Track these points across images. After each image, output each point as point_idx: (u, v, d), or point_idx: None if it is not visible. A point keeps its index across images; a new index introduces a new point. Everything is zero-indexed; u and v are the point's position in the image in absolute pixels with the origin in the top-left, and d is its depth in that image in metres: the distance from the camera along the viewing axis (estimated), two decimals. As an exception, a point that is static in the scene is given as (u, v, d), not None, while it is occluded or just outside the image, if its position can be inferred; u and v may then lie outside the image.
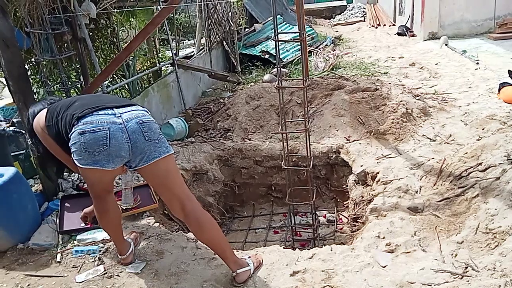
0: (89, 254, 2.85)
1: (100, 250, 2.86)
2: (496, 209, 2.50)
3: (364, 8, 14.41)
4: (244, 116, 4.83)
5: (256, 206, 4.50)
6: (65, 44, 3.64)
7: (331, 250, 2.67)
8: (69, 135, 2.04)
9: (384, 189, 3.34)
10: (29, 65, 3.74)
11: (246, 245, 3.89)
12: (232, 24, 7.83)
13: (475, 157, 3.09)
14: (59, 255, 2.85)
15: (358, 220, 3.50)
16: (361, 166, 3.76)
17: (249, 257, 2.54)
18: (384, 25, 12.04)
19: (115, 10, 4.22)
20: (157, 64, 5.77)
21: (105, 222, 2.52)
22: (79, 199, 3.30)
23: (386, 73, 6.56)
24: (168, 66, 6.00)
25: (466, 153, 3.21)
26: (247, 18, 9.42)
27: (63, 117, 2.12)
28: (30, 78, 3.32)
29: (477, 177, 2.87)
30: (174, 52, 6.26)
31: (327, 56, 7.97)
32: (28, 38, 3.66)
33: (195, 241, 2.91)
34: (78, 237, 3.00)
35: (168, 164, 2.15)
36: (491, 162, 2.86)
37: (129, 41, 4.01)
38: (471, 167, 2.99)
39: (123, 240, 2.68)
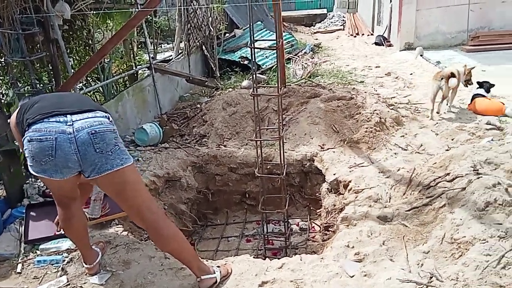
0: (52, 264, 2.76)
1: (64, 260, 2.78)
2: (461, 219, 2.55)
3: (343, 17, 14.62)
4: (220, 122, 4.80)
5: (230, 213, 4.47)
6: (37, 45, 3.54)
7: (301, 260, 2.66)
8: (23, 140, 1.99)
9: (356, 197, 3.36)
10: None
11: (218, 254, 3.84)
12: (212, 29, 7.80)
13: (443, 167, 3.15)
14: (20, 265, 2.75)
15: (329, 229, 3.51)
16: (334, 174, 3.78)
17: (218, 266, 2.50)
18: (363, 34, 12.24)
19: (91, 12, 4.13)
20: (134, 68, 5.69)
21: (69, 230, 2.44)
22: (46, 207, 3.19)
23: (363, 82, 6.65)
24: (145, 70, 5.93)
25: (435, 163, 3.26)
26: (227, 23, 9.42)
27: (23, 118, 2.05)
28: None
29: (445, 187, 2.92)
30: (152, 55, 6.19)
31: (306, 63, 8.03)
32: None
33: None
34: (42, 246, 2.90)
35: (124, 176, 2.06)
36: (458, 173, 2.92)
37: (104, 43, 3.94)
38: (439, 177, 3.04)
39: (89, 249, 2.61)
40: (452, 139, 3.91)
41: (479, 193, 2.61)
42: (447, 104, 4.80)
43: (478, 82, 4.80)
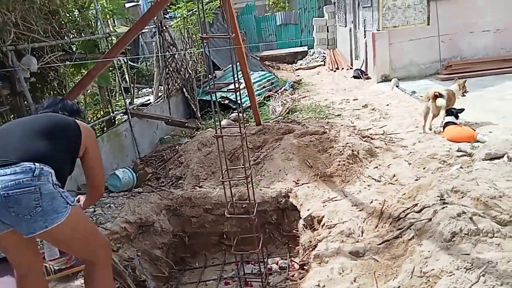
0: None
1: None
2: (429, 251, 2.51)
3: (324, 53, 15.02)
4: (196, 163, 4.79)
5: (208, 256, 4.36)
6: (1, 99, 3.57)
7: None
8: None
9: (329, 233, 3.31)
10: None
11: (195, 300, 3.72)
12: (191, 72, 7.95)
13: (411, 198, 3.14)
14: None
15: (304, 267, 3.43)
16: (308, 210, 3.74)
17: None
18: (342, 68, 12.54)
19: (59, 64, 4.19)
20: (111, 113, 5.72)
21: None
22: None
23: (339, 115, 6.74)
24: (123, 115, 5.96)
25: (404, 194, 3.26)
26: (206, 66, 9.61)
27: None
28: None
29: (413, 218, 2.89)
30: (129, 100, 6.26)
31: (285, 100, 8.16)
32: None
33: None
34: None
35: (52, 235, 1.97)
36: (425, 203, 2.90)
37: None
38: (408, 208, 3.02)
39: None
40: (424, 168, 3.93)
41: (445, 224, 2.58)
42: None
43: (446, 110, 4.89)
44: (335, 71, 12.60)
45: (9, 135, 2.01)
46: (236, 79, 3.16)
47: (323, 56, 14.92)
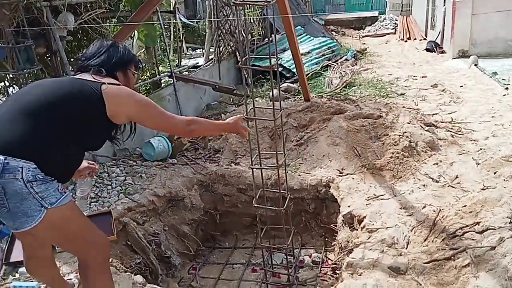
0: (27, 291, 2.62)
1: (39, 287, 2.62)
2: (486, 288, 2.04)
3: (396, 20, 13.74)
4: (235, 137, 4.50)
5: (239, 236, 4.14)
6: (37, 57, 3.45)
7: (289, 314, 2.29)
8: None
9: (368, 238, 2.91)
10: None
11: (219, 284, 3.54)
12: (245, 35, 7.52)
13: (473, 213, 2.61)
14: (-5, 289, 2.64)
15: (336, 271, 3.08)
16: (349, 206, 3.33)
17: None
18: (415, 39, 11.38)
19: (96, 25, 3.98)
20: (156, 75, 5.55)
21: (30, 271, 2.23)
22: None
23: (403, 94, 6.04)
24: (169, 78, 5.77)
25: (465, 206, 2.72)
26: (265, 29, 9.09)
27: None
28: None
29: (472, 240, 2.40)
30: (176, 63, 6.04)
31: (344, 71, 7.50)
32: (3, 49, 3.51)
33: (141, 287, 2.61)
34: (21, 269, 2.77)
35: (30, 235, 1.78)
36: (490, 224, 2.38)
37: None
38: (468, 225, 2.52)
39: (61, 285, 2.41)
40: (495, 173, 3.30)
41: (512, 257, 2.08)
42: None
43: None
44: (406, 41, 11.48)
45: (2, 106, 1.76)
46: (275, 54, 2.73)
47: (395, 23, 13.68)
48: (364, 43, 11.79)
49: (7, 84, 3.78)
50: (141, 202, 3.54)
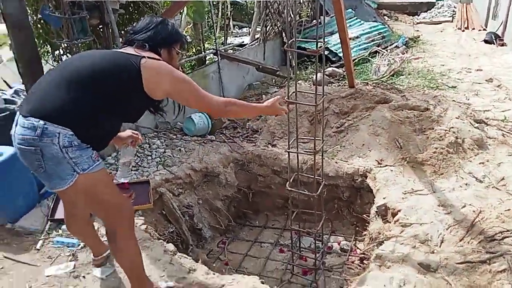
0: (68, 247, 2.81)
1: (78, 245, 2.80)
2: (522, 297, 1.96)
3: (454, 7, 12.94)
4: (274, 119, 4.49)
5: (270, 217, 4.19)
6: (90, 28, 3.58)
7: (311, 298, 2.32)
8: None
9: (401, 232, 2.85)
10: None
11: (246, 260, 3.62)
12: (293, 16, 7.39)
13: (516, 218, 2.49)
14: (40, 242, 2.85)
15: (364, 261, 3.05)
16: (384, 198, 3.27)
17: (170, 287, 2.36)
18: (473, 28, 10.69)
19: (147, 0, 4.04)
20: (202, 52, 5.61)
21: (70, 228, 2.39)
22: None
23: (454, 87, 5.74)
24: (214, 56, 5.81)
25: (509, 209, 2.59)
26: (314, 9, 8.88)
27: None
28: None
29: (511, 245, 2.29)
30: (222, 41, 6.06)
31: (393, 59, 7.22)
32: (60, 19, 3.67)
33: (172, 254, 2.72)
34: (64, 226, 2.96)
35: (62, 195, 1.93)
36: (534, 231, 2.26)
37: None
38: (508, 230, 2.40)
39: (95, 243, 2.57)
40: (546, 178, 3.11)
41: (555, 267, 1.97)
42: None
43: None
44: (463, 30, 10.81)
45: (44, 79, 1.85)
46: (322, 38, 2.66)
47: (453, 11, 12.89)
48: (417, 30, 11.22)
49: (61, 52, 3.96)
50: (178, 175, 3.65)
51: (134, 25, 2.14)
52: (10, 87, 4.47)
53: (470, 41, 9.51)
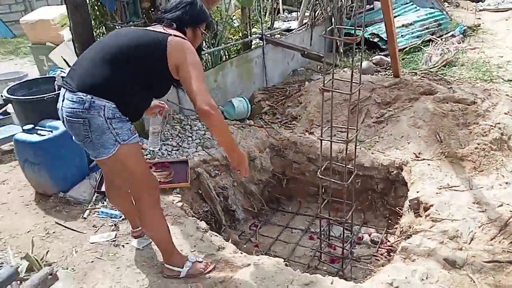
0: (111, 218, 3.06)
1: (120, 217, 3.04)
2: (546, 301, 1.90)
3: (525, -7, 11.95)
4: (314, 106, 4.51)
5: (303, 203, 4.26)
6: (142, 11, 3.78)
7: (331, 283, 2.39)
8: None
9: (431, 227, 2.82)
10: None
11: (276, 243, 3.74)
12: (343, 1, 7.23)
13: (553, 222, 2.37)
14: (87, 211, 3.12)
15: (391, 254, 3.05)
16: (417, 192, 3.22)
17: (195, 262, 2.47)
18: (545, 17, 9.86)
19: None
20: (248, 36, 5.69)
21: (111, 200, 2.62)
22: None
23: (511, 81, 5.40)
24: (259, 40, 5.87)
25: (547, 212, 2.48)
26: (364, -6, 8.60)
27: None
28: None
29: (545, 249, 2.21)
30: (268, 25, 6.10)
31: (447, 48, 6.88)
32: (114, 2, 3.90)
33: (204, 232, 2.89)
34: (109, 199, 3.23)
35: (103, 164, 2.12)
36: None
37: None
38: (543, 233, 2.31)
39: (134, 216, 2.78)
40: None
41: None
42: None
43: None
44: (532, 18, 9.99)
45: (85, 56, 2.03)
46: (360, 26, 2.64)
47: (523, -3, 11.90)
48: (479, 18, 10.49)
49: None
50: (216, 157, 3.81)
51: (166, 4, 2.25)
52: (69, 66, 4.83)
53: (538, 30, 8.80)
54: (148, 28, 2.13)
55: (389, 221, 3.79)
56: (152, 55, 1.97)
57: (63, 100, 1.97)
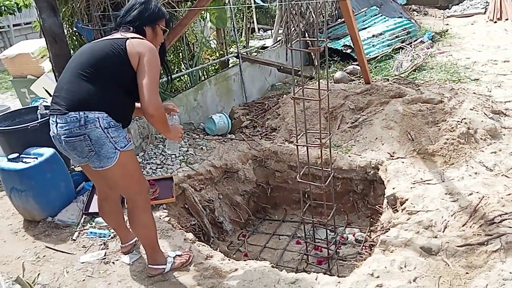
0: (100, 237, 3.12)
1: (109, 235, 3.11)
2: (511, 273, 2.04)
3: (488, -1, 12.56)
4: (292, 117, 4.67)
5: (288, 211, 4.37)
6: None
7: (316, 279, 2.50)
8: None
9: (407, 219, 2.96)
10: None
11: (265, 251, 3.83)
12: (315, 17, 7.54)
13: (516, 202, 2.54)
14: (76, 233, 3.18)
15: (372, 249, 3.17)
16: (393, 188, 3.38)
17: (179, 255, 2.67)
18: (507, 19, 10.36)
19: (171, 10, 4.36)
20: (225, 55, 5.89)
21: (101, 212, 2.71)
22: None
23: (477, 79, 5.69)
24: (235, 58, 6.08)
25: (510, 194, 2.65)
26: (338, 8, 8.97)
27: None
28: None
29: (509, 227, 2.36)
30: (243, 44, 6.32)
31: (417, 54, 7.20)
32: (92, 31, 4.06)
33: (192, 242, 2.97)
34: (97, 219, 3.30)
35: (104, 174, 2.20)
36: (529, 213, 2.32)
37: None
38: (507, 213, 2.47)
39: (123, 231, 2.86)
40: (557, 165, 3.11)
41: (544, 245, 2.04)
42: None
43: None
44: (495, 22, 10.51)
45: (62, 81, 2.13)
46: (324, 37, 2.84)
47: (486, 2, 12.50)
48: (447, 24, 11.00)
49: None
50: (200, 171, 3.92)
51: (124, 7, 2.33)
52: (51, 95, 4.93)
53: (501, 32, 9.26)
54: (107, 38, 2.21)
55: (371, 219, 3.92)
56: (115, 62, 2.07)
57: (56, 126, 2.08)
